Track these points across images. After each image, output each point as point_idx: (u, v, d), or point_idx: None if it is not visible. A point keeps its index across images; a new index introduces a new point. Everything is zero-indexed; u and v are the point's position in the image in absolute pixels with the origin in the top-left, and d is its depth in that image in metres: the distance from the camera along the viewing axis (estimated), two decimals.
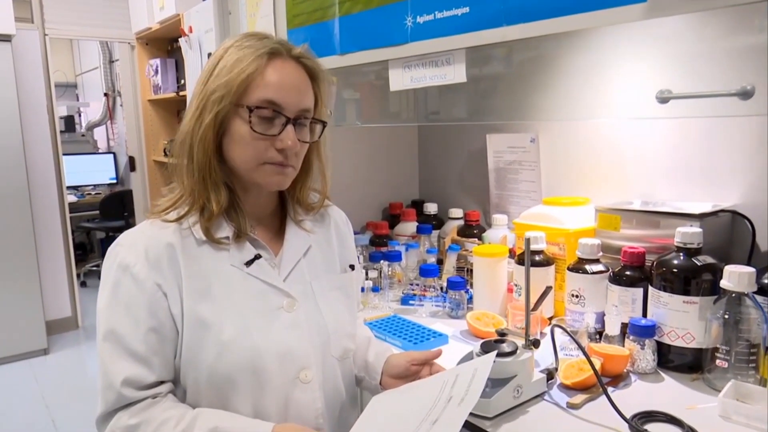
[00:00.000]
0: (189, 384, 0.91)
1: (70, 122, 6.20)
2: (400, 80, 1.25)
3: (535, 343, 1.09)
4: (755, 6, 0.73)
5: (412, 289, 1.64)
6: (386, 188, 2.16)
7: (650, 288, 1.21)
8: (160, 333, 0.89)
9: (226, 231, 0.94)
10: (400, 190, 2.19)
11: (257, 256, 0.95)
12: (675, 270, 1.16)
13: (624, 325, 1.23)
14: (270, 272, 0.96)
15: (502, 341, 1.09)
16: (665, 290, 1.17)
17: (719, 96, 0.82)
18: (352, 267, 1.10)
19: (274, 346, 0.92)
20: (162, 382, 0.91)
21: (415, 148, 2.21)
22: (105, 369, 0.88)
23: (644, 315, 1.23)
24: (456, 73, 1.12)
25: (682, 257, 1.17)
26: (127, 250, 0.91)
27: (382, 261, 1.67)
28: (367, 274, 1.65)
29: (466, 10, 1.05)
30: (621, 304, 1.25)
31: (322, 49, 1.41)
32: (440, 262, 1.82)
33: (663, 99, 0.83)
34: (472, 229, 1.84)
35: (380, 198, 2.16)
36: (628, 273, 1.26)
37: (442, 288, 1.62)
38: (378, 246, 1.88)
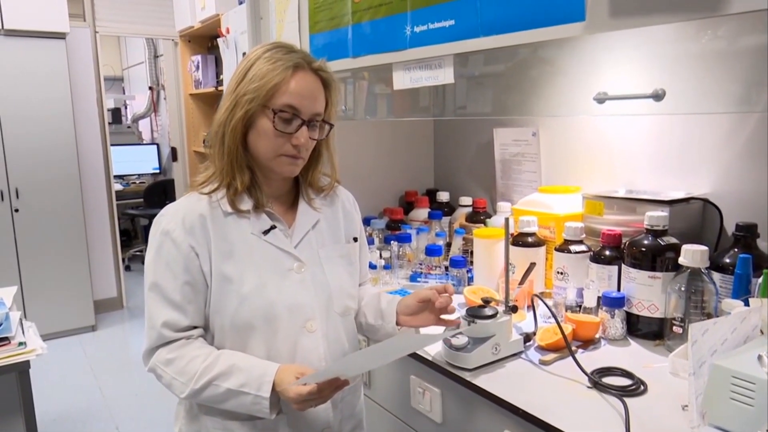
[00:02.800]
0: (216, 329, 1.12)
1: (116, 114, 6.51)
2: (401, 80, 1.43)
3: (513, 309, 1.26)
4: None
5: (419, 268, 1.82)
6: (403, 177, 2.34)
7: (623, 265, 1.37)
8: (193, 286, 1.10)
9: (247, 204, 1.14)
10: (416, 179, 2.36)
11: (273, 227, 1.15)
12: (643, 249, 1.32)
13: (600, 299, 1.38)
14: (283, 240, 1.15)
15: (485, 307, 1.26)
16: (634, 267, 1.32)
17: (640, 98, 0.98)
18: (355, 239, 1.28)
19: (285, 299, 1.12)
20: (194, 327, 1.12)
21: (431, 141, 2.38)
22: (149, 313, 1.10)
23: (618, 290, 1.38)
24: (446, 75, 1.30)
25: (650, 238, 1.32)
26: (168, 219, 1.12)
27: (393, 242, 1.85)
28: (380, 254, 1.84)
29: (452, 22, 1.23)
30: (598, 280, 1.41)
31: (338, 52, 1.60)
32: (449, 245, 1.99)
33: (600, 99, 0.99)
34: (479, 216, 2.00)
35: (398, 186, 2.34)
36: (606, 253, 1.42)
37: (446, 267, 1.79)
38: (393, 230, 2.06)
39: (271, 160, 1.12)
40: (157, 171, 6.38)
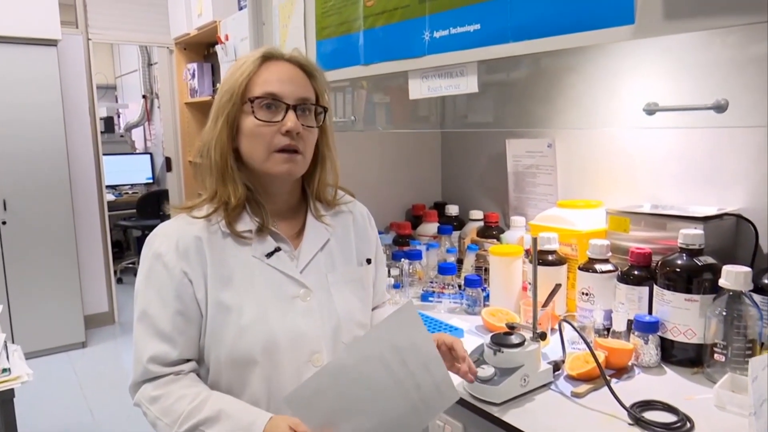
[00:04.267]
0: (211, 362, 1.02)
1: (109, 123, 6.41)
2: (418, 89, 1.34)
3: (542, 336, 1.17)
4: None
5: (432, 287, 1.72)
6: (410, 190, 2.25)
7: (655, 287, 1.28)
8: (185, 315, 1.00)
9: (248, 225, 1.04)
10: (423, 192, 2.27)
11: (277, 249, 1.05)
12: (678, 270, 1.23)
13: (630, 322, 1.29)
14: (288, 264, 1.05)
15: (511, 334, 1.16)
16: (668, 289, 1.23)
17: (698, 109, 0.89)
18: (368, 261, 1.18)
19: (288, 330, 1.01)
20: (185, 361, 1.01)
21: (438, 152, 2.29)
22: (137, 345, 1.00)
23: (650, 312, 1.29)
24: (468, 84, 1.20)
25: (684, 258, 1.23)
26: (160, 241, 1.02)
27: (403, 259, 1.76)
28: (389, 272, 1.74)
29: (478, 26, 1.14)
30: (628, 302, 1.32)
31: (348, 60, 1.51)
32: (460, 261, 1.90)
33: (650, 111, 0.90)
34: (491, 230, 1.91)
35: (404, 199, 2.24)
36: (635, 272, 1.33)
37: (460, 285, 1.70)
38: (401, 245, 1.96)
39: (264, 161, 1.01)
40: (151, 181, 6.28)
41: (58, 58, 3.73)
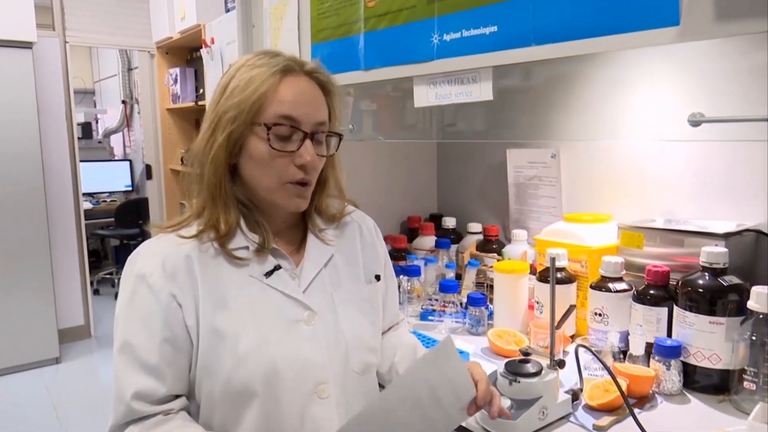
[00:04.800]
0: (203, 397, 0.91)
1: (87, 129, 6.25)
2: (425, 97, 1.25)
3: (560, 364, 1.08)
4: None
5: (432, 305, 1.63)
6: (405, 201, 2.16)
7: (675, 308, 1.20)
8: (174, 344, 0.89)
9: (244, 242, 0.94)
10: (418, 203, 2.19)
11: (277, 267, 0.95)
12: (701, 290, 1.15)
13: (648, 345, 1.22)
14: (290, 283, 0.95)
15: (527, 361, 1.08)
16: (691, 310, 1.16)
17: (751, 121, 0.81)
18: (377, 277, 1.09)
19: (291, 359, 0.91)
20: (175, 397, 0.91)
21: (434, 161, 2.21)
22: (118, 381, 0.89)
23: (669, 335, 1.22)
24: (482, 91, 1.12)
25: (707, 277, 1.16)
26: (144, 260, 0.91)
27: (401, 276, 1.67)
28: None
29: (494, 29, 1.05)
30: (645, 324, 1.24)
31: (346, 64, 1.42)
32: (459, 276, 1.82)
33: (695, 122, 0.82)
34: (492, 244, 1.83)
35: (399, 211, 2.15)
36: (652, 292, 1.25)
37: (461, 303, 1.61)
38: (396, 260, 1.87)
39: (273, 191, 0.92)
40: (130, 189, 6.11)
41: (33, 60, 3.59)
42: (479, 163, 2.03)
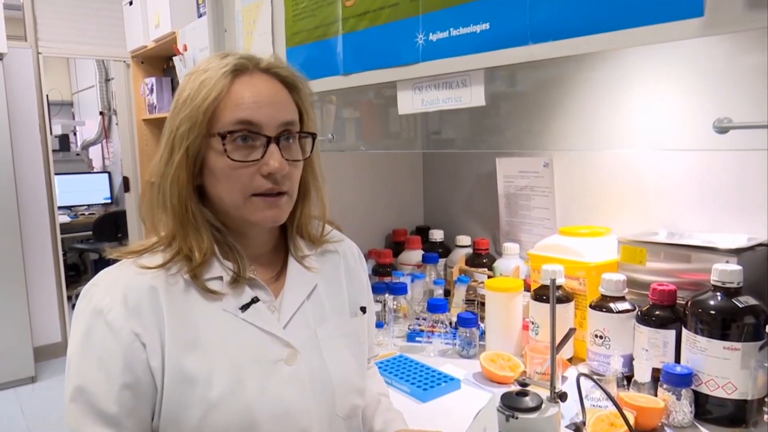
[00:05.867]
0: None
1: (64, 141, 6.09)
2: (409, 103, 1.15)
3: (562, 397, 0.97)
4: None
5: (419, 324, 1.52)
6: (389, 214, 2.06)
7: (684, 330, 1.10)
8: (135, 390, 0.78)
9: (218, 271, 0.83)
10: (404, 215, 2.08)
11: (254, 300, 0.84)
12: (713, 312, 1.05)
13: (654, 370, 1.12)
14: (268, 318, 0.84)
15: (525, 393, 0.97)
16: (702, 334, 1.06)
17: None
18: (363, 310, 0.98)
19: (270, 405, 0.80)
20: None
21: (419, 171, 2.11)
22: None
23: (677, 360, 1.12)
24: (473, 96, 1.01)
25: (720, 297, 1.06)
26: (103, 292, 0.80)
27: (386, 294, 1.56)
28: None
29: (486, 26, 0.94)
30: (651, 348, 1.14)
31: (324, 69, 1.31)
32: (447, 292, 1.72)
33: (723, 129, 0.72)
34: (482, 258, 1.73)
35: (383, 224, 2.05)
36: (658, 313, 1.15)
37: (451, 323, 1.51)
38: (381, 276, 1.77)
39: (241, 207, 0.81)
40: (109, 201, 5.96)
41: (2, 72, 3.46)
42: (467, 172, 1.93)
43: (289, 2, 1.38)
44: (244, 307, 0.83)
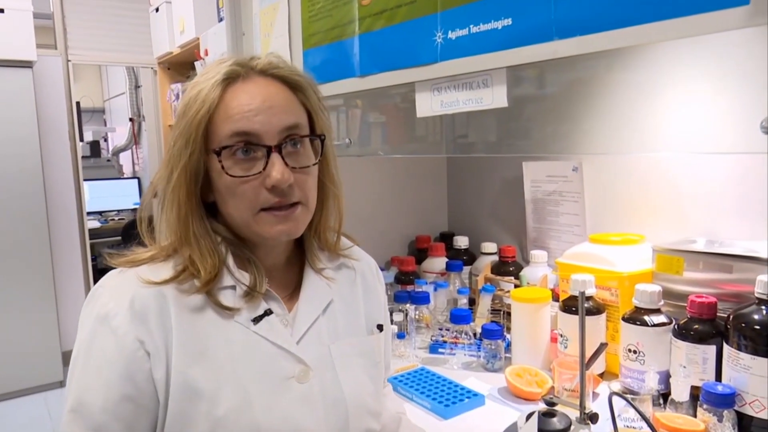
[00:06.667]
0: None
1: (95, 147, 6.19)
2: (428, 105, 1.09)
3: (593, 418, 0.91)
4: None
5: (442, 335, 1.47)
6: (412, 219, 2.00)
7: (726, 346, 1.02)
8: (136, 402, 0.74)
9: (230, 281, 0.79)
10: (427, 221, 2.03)
11: (267, 312, 0.80)
12: (757, 327, 0.97)
13: (693, 388, 1.04)
14: (281, 332, 0.80)
15: (552, 414, 0.91)
16: (746, 350, 0.98)
17: None
18: (380, 328, 0.93)
19: (279, 424, 0.76)
20: None
21: (443, 175, 2.05)
22: None
23: (718, 378, 1.04)
24: (495, 97, 0.95)
25: (765, 311, 0.98)
26: (109, 296, 0.76)
27: (408, 304, 1.51)
28: (391, 316, 1.49)
29: (508, 22, 0.88)
30: (689, 364, 1.06)
31: (340, 71, 1.26)
32: (472, 301, 1.66)
33: None
34: (508, 267, 1.67)
35: (406, 230, 2.00)
36: (696, 327, 1.07)
37: (475, 334, 1.45)
38: (403, 284, 1.71)
39: (252, 223, 0.77)
40: (138, 206, 6.02)
41: (33, 80, 3.51)
42: (493, 176, 1.87)
43: (306, 3, 1.34)
44: (257, 320, 0.79)
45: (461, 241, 1.85)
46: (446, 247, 1.85)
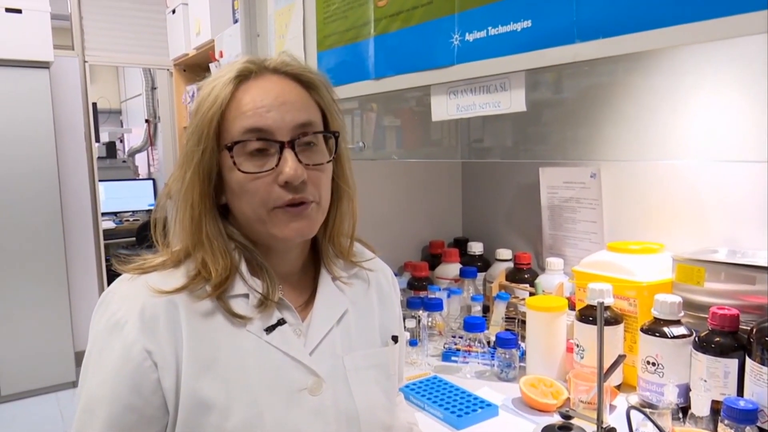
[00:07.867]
0: None
1: (111, 148, 6.23)
2: (444, 109, 1.07)
3: None
4: None
5: (455, 343, 1.44)
6: (426, 224, 1.98)
7: (748, 360, 0.99)
8: (141, 414, 0.72)
9: (243, 289, 0.77)
10: (441, 226, 2.00)
11: (281, 321, 0.78)
12: None
13: (714, 402, 1.01)
14: (294, 342, 0.78)
15: (568, 428, 0.88)
16: None
17: None
18: (395, 339, 0.91)
19: None
20: None
21: (458, 180, 2.03)
22: None
23: (740, 393, 1.01)
24: (513, 101, 0.93)
25: None
26: (119, 303, 0.75)
27: (420, 310, 1.49)
28: (404, 323, 1.46)
29: (528, 23, 0.85)
30: (710, 378, 1.03)
31: (355, 74, 1.24)
32: (486, 308, 1.63)
33: None
34: (523, 274, 1.64)
35: (419, 235, 1.97)
36: (718, 339, 1.04)
37: (489, 342, 1.42)
38: (416, 290, 1.69)
39: (266, 221, 0.75)
40: (153, 207, 6.04)
41: (50, 80, 3.53)
42: (508, 182, 1.84)
43: (321, 4, 1.32)
44: (269, 329, 0.77)
45: (476, 247, 1.83)
46: (460, 253, 1.82)
